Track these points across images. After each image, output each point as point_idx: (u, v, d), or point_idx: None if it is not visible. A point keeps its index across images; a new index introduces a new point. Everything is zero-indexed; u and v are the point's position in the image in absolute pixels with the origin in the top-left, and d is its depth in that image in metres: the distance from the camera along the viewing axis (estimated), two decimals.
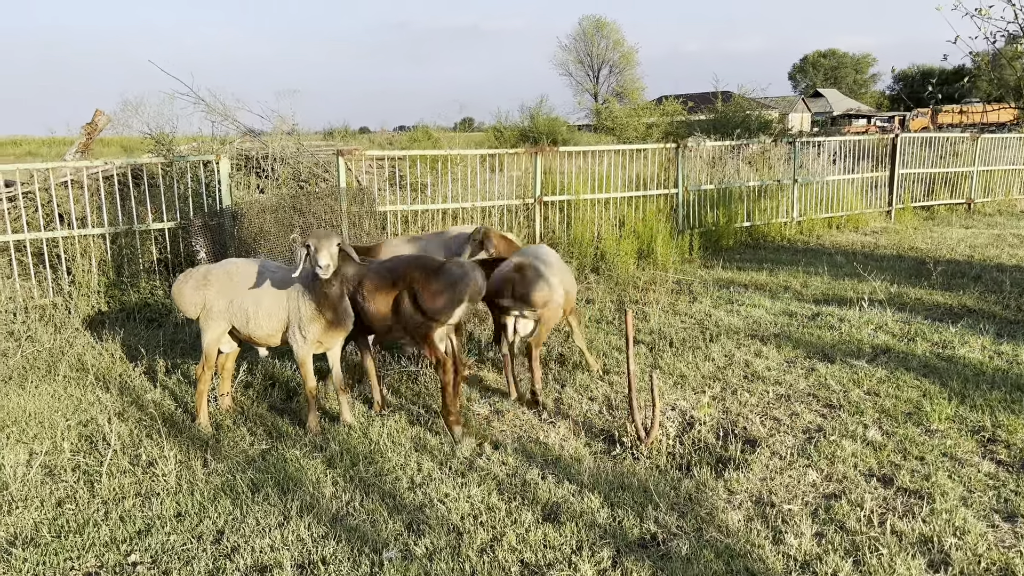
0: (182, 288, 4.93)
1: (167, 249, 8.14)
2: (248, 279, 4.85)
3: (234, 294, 4.84)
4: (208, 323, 4.90)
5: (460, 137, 47.10)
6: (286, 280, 4.80)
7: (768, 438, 4.59)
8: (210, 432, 4.83)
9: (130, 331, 6.82)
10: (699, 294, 8.36)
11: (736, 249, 11.69)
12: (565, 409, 5.15)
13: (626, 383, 5.50)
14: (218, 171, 8.26)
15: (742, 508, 3.77)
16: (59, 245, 7.78)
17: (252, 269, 4.92)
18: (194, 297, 4.89)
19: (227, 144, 10.23)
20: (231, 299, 4.84)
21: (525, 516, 3.68)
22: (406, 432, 4.75)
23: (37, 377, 5.90)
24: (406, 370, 5.90)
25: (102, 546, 3.53)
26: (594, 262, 9.77)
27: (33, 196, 8.58)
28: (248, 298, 4.79)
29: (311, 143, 11.76)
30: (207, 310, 4.86)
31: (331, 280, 4.55)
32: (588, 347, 6.02)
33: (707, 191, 12.12)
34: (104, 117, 12.62)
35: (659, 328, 7.01)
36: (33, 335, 6.81)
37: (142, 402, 5.35)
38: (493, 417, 5.06)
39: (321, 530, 3.62)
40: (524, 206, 10.41)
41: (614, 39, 75.96)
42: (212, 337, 4.91)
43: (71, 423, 4.97)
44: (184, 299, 4.91)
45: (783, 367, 5.90)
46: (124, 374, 5.95)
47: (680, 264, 10.27)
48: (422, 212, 9.74)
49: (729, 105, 35.86)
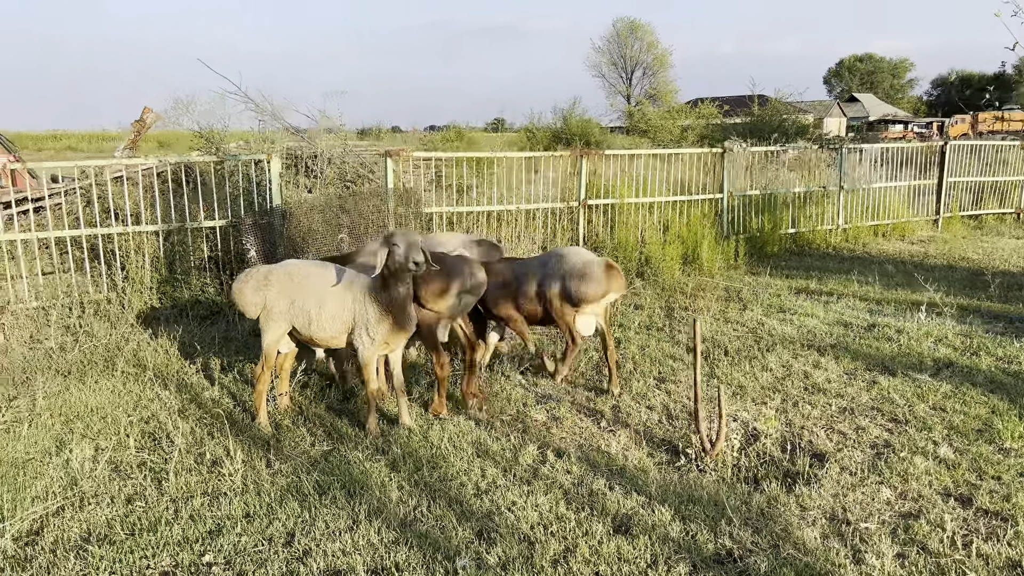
0: (243, 288, 4.94)
1: (218, 247, 8.21)
2: (309, 281, 4.86)
3: (295, 295, 4.85)
4: (268, 324, 4.91)
5: (492, 138, 47.16)
6: (351, 282, 4.79)
7: (836, 453, 4.50)
8: (270, 432, 4.84)
9: (184, 328, 6.88)
10: (749, 302, 8.25)
11: (781, 256, 11.54)
12: (624, 418, 5.10)
13: (684, 392, 5.46)
14: (269, 170, 8.31)
15: (817, 525, 3.69)
16: (113, 241, 7.87)
17: (313, 271, 4.93)
18: (254, 297, 4.90)
19: (276, 143, 10.31)
20: (292, 300, 4.85)
21: (596, 527, 3.63)
22: (466, 437, 4.72)
23: (96, 372, 5.97)
24: (458, 372, 5.88)
25: (176, 545, 3.54)
26: (639, 267, 9.69)
27: (88, 193, 8.71)
28: (310, 300, 4.80)
29: (353, 143, 11.82)
30: (267, 311, 4.87)
31: (405, 280, 4.56)
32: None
33: (752, 196, 11.97)
34: (153, 114, 12.78)
35: (712, 336, 6.92)
36: (90, 330, 6.91)
37: (200, 400, 5.39)
38: (551, 423, 5.02)
39: (391, 535, 3.61)
40: (568, 209, 10.36)
41: (648, 41, 75.51)
42: (272, 338, 4.92)
43: (133, 419, 5.02)
44: (245, 299, 4.93)
45: (843, 379, 5.79)
46: (181, 371, 6.00)
47: (726, 270, 10.16)
48: (467, 214, 9.73)
49: (766, 109, 35.53)
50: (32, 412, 5.16)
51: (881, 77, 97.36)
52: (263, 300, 4.89)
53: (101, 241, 7.81)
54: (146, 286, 7.69)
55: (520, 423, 4.97)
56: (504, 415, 5.12)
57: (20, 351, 6.63)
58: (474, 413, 5.11)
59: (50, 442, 4.68)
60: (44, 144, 41.22)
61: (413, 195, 9.42)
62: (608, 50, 77.33)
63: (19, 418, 5.05)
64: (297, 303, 4.83)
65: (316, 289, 4.82)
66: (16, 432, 4.77)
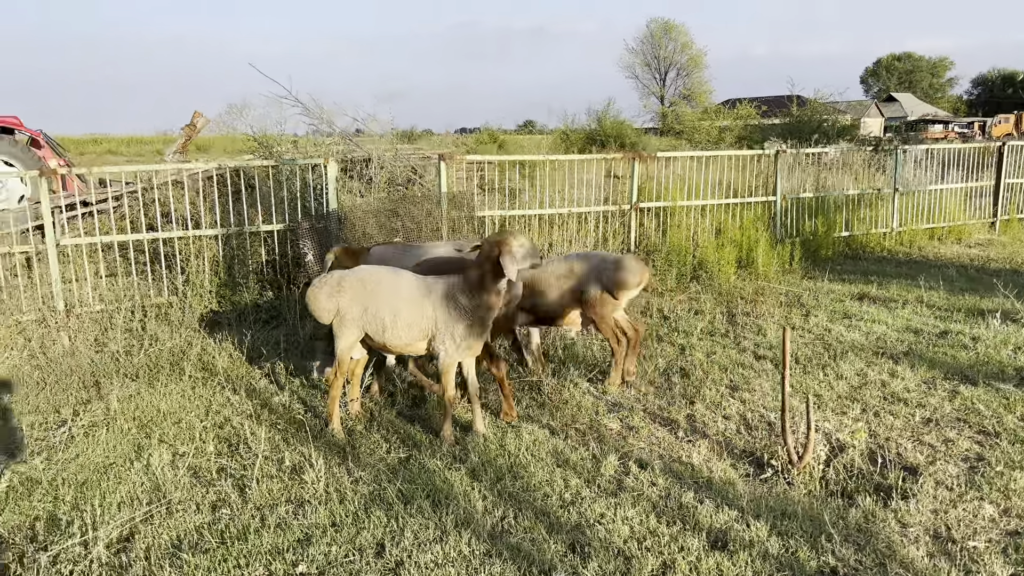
0: (317, 295, 4.92)
1: (275, 250, 8.24)
2: (381, 287, 4.81)
3: (368, 302, 4.80)
4: (342, 330, 4.88)
5: (525, 140, 47.11)
6: (428, 288, 4.74)
7: (928, 466, 4.35)
8: (343, 438, 4.82)
9: (246, 331, 6.90)
10: (812, 307, 8.08)
11: (835, 260, 11.30)
12: (701, 427, 4.99)
13: (759, 401, 5.34)
14: (326, 174, 8.33)
15: (921, 543, 3.56)
16: (173, 245, 7.94)
17: (385, 277, 4.88)
18: (328, 304, 4.88)
19: (327, 147, 10.34)
20: (365, 307, 4.80)
21: (692, 543, 3.54)
22: (543, 446, 4.65)
23: (164, 376, 6.01)
24: (527, 379, 5.81)
25: (266, 554, 3.52)
26: (693, 270, 9.56)
27: (150, 197, 8.81)
28: (384, 307, 4.75)
29: (402, 147, 11.83)
30: (341, 317, 4.84)
31: (500, 285, 4.58)
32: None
33: (805, 199, 11.76)
34: (203, 118, 12.93)
35: (778, 343, 6.78)
36: (154, 333, 6.96)
37: (271, 405, 5.38)
38: (627, 433, 4.93)
39: (482, 547, 3.55)
40: (620, 212, 10.25)
41: (682, 42, 75.10)
42: (346, 344, 4.90)
43: (207, 424, 5.03)
44: (319, 305, 4.90)
45: (923, 388, 5.63)
46: (248, 375, 6.01)
47: (781, 275, 9.97)
48: (518, 217, 9.67)
49: (805, 109, 35.04)
50: (107, 416, 5.20)
51: (920, 76, 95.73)
52: (336, 306, 4.86)
53: (162, 245, 7.88)
54: (206, 290, 7.73)
55: (595, 432, 4.89)
56: (577, 424, 5.04)
57: (86, 354, 6.70)
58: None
59: (129, 447, 4.70)
60: (85, 148, 41.92)
61: (466, 199, 9.39)
62: (642, 51, 77.07)
63: (96, 422, 5.09)
64: (370, 310, 4.79)
65: (389, 296, 4.78)
66: (95, 437, 4.80)
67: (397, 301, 4.75)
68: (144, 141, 45.29)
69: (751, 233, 10.49)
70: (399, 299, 4.75)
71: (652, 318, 7.69)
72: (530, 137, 51.14)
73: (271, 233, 8.22)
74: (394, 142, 11.08)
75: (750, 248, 10.26)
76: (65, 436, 4.87)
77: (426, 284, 4.77)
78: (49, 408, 5.44)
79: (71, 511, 3.92)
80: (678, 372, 6.03)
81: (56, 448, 4.69)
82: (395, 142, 11.18)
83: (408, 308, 4.72)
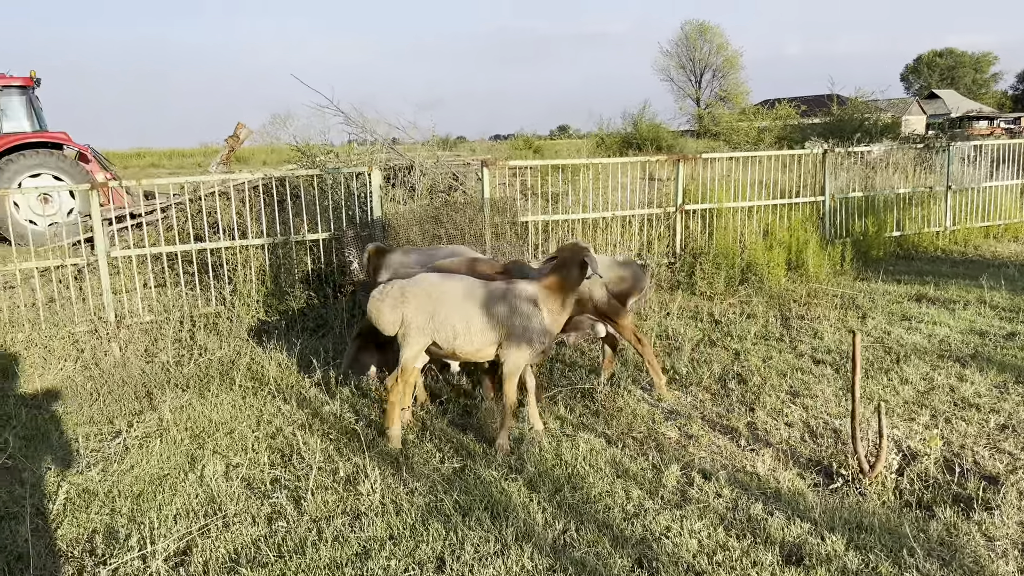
0: (380, 307, 4.83)
1: (320, 259, 8.23)
2: (447, 296, 4.73)
3: (434, 310, 4.71)
4: (408, 339, 4.79)
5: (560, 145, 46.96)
6: (503, 293, 4.64)
7: (1008, 475, 4.14)
8: (399, 448, 4.74)
9: (294, 340, 6.89)
10: (868, 309, 7.83)
11: (887, 260, 11.00)
12: (763, 435, 4.82)
13: (822, 407, 5.15)
14: (370, 183, 8.31)
15: (1010, 558, 3.37)
16: (221, 255, 7.98)
17: (449, 285, 4.80)
18: (392, 315, 4.80)
19: (369, 155, 10.35)
20: (431, 315, 4.71)
21: (765, 557, 3.39)
22: (601, 455, 4.53)
23: (215, 386, 6.01)
24: (579, 387, 5.69)
25: (325, 568, 3.45)
26: (742, 273, 9.35)
27: (196, 208, 8.88)
28: (454, 314, 4.66)
29: (442, 153, 11.81)
30: (406, 326, 4.77)
31: (576, 291, 4.67)
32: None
33: (854, 199, 11.47)
34: (246, 130, 13.06)
35: (836, 347, 6.56)
36: (203, 344, 6.98)
37: (322, 415, 5.34)
38: (686, 441, 4.78)
39: (545, 561, 3.44)
40: (665, 215, 10.08)
41: (717, 43, 74.44)
42: (412, 353, 4.81)
43: (259, 435, 4.99)
44: (383, 318, 4.82)
45: (994, 393, 5.38)
46: (298, 385, 5.98)
47: (833, 276, 9.71)
48: (561, 222, 9.56)
49: (846, 108, 34.37)
50: (160, 426, 5.20)
51: (962, 72, 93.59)
52: (400, 317, 4.78)
53: (209, 255, 7.92)
54: (253, 299, 7.75)
55: (653, 441, 4.75)
56: (634, 432, 4.90)
57: (137, 364, 6.75)
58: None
59: (182, 458, 4.68)
60: (129, 162, 42.77)
61: (509, 204, 9.31)
62: (676, 53, 76.55)
63: (149, 433, 5.09)
64: (437, 318, 4.70)
65: (460, 303, 4.69)
66: (149, 448, 4.79)
67: (469, 307, 4.66)
68: (185, 154, 46.14)
69: (800, 234, 10.25)
70: (471, 305, 4.66)
71: (703, 322, 7.51)
72: (568, 142, 50.98)
73: (316, 242, 8.22)
74: (435, 150, 11.06)
75: (799, 249, 10.01)
76: (120, 447, 4.87)
77: (500, 288, 4.67)
78: (103, 419, 5.46)
79: (128, 524, 3.90)
80: (735, 378, 5.86)
81: (111, 459, 4.69)
82: (435, 149, 11.15)
83: (481, 314, 4.63)
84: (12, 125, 15.41)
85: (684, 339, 6.87)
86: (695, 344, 6.73)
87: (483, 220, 8.89)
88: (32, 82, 15.67)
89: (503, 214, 9.19)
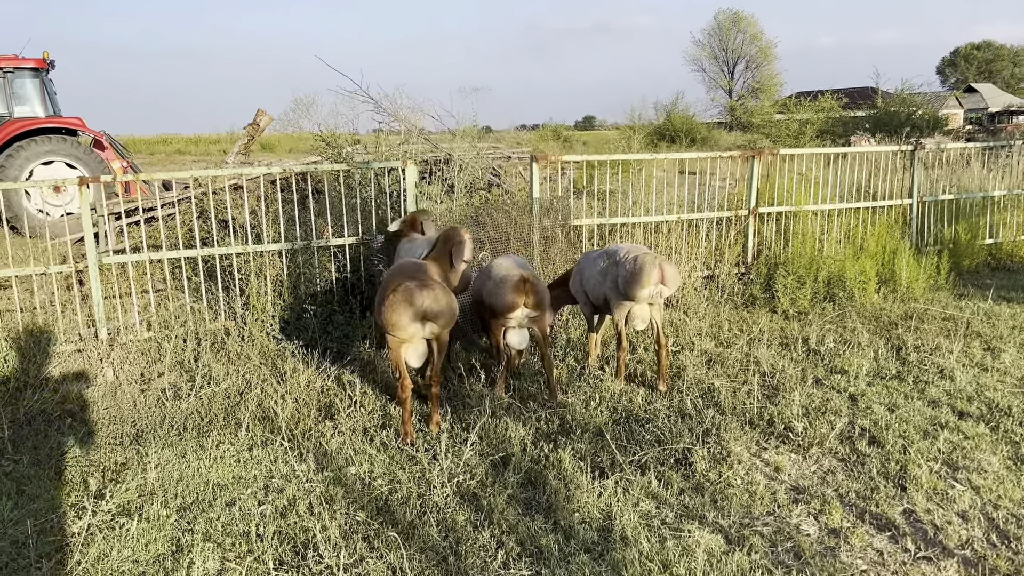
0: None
1: (346, 267, 7.11)
2: None
3: None
4: None
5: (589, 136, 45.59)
6: None
7: None
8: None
9: (314, 367, 5.77)
10: (991, 339, 6.56)
11: (981, 272, 9.70)
12: (931, 532, 3.61)
13: (993, 487, 3.91)
14: (404, 179, 7.16)
15: None
16: (232, 261, 6.88)
17: None
18: None
19: (400, 147, 9.21)
20: None
21: None
22: (725, 566, 3.35)
23: (217, 429, 4.92)
24: (672, 447, 4.51)
25: None
26: (826, 288, 8.09)
27: (201, 203, 7.78)
28: None
29: (482, 145, 10.63)
30: None
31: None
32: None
33: (944, 201, 10.14)
34: (266, 117, 11.96)
35: (977, 392, 5.32)
36: (208, 368, 5.89)
37: (346, 479, 4.20)
38: (832, 541, 3.59)
39: None
40: (736, 219, 8.84)
41: (751, 33, 72.34)
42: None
43: (266, 509, 3.88)
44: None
45: None
46: (317, 431, 4.86)
47: (929, 292, 8.42)
48: (620, 226, 8.36)
49: (891, 100, 32.71)
50: (143, 493, 4.10)
51: (1001, 65, 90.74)
52: None
53: (218, 262, 6.83)
54: (268, 314, 6.64)
55: (787, 539, 3.56)
56: (757, 523, 3.71)
57: (130, 392, 5.68)
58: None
59: (165, 545, 3.58)
60: (155, 148, 42.09)
61: (561, 205, 8.13)
62: (709, 43, 74.58)
63: (126, 504, 3.99)
64: None
65: None
66: (122, 530, 3.69)
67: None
68: (211, 140, 45.29)
69: (887, 242, 8.96)
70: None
71: (797, 351, 6.30)
72: (596, 134, 49.61)
73: (342, 248, 7.10)
74: (474, 141, 9.88)
75: (888, 260, 8.74)
76: (85, 528, 3.77)
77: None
78: (77, 477, 4.38)
79: None
80: (864, 436, 4.65)
81: (71, 548, 3.59)
82: (475, 140, 9.98)
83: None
84: (24, 110, 14.52)
85: (784, 376, 5.66)
86: (799, 383, 5.53)
87: (530, 223, 7.73)
88: (45, 64, 14.75)
89: (553, 216, 8.03)
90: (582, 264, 6.00)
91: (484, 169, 9.75)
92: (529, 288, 5.07)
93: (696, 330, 6.90)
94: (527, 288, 5.07)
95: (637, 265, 5.21)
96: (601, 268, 5.63)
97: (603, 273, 5.59)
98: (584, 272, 5.90)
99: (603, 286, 5.59)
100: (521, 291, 5.06)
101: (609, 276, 5.51)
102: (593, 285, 5.74)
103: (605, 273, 5.56)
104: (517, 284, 5.07)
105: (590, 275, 5.78)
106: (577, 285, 6.00)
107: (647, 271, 5.15)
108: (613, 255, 5.55)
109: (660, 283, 5.20)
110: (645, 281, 5.15)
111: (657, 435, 4.64)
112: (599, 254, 5.82)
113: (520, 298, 5.06)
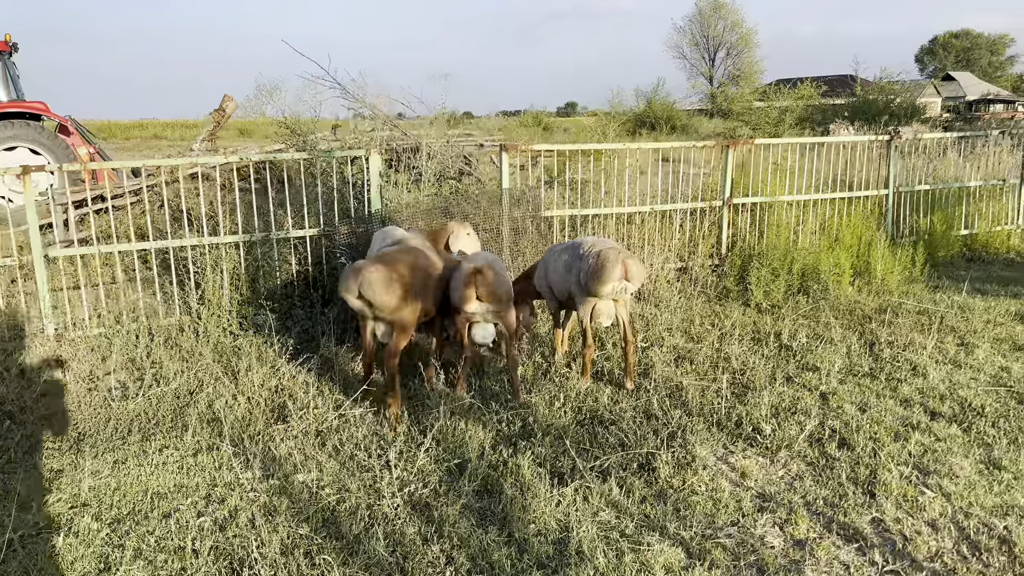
0: None
1: (307, 260, 6.86)
2: None
3: None
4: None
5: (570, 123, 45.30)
6: None
7: None
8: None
9: (269, 365, 5.54)
10: (965, 333, 6.45)
11: (956, 264, 9.61)
12: (900, 543, 3.47)
13: (965, 493, 3.77)
14: (367, 168, 6.91)
15: None
16: (187, 254, 6.62)
17: None
18: None
19: (367, 135, 8.95)
20: None
21: None
22: None
23: (162, 432, 4.69)
24: (636, 452, 4.34)
25: None
26: (800, 280, 7.96)
27: (160, 194, 7.49)
28: None
29: (452, 132, 10.39)
30: None
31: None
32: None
33: (919, 192, 10.04)
34: (232, 103, 11.63)
35: (949, 391, 5.20)
36: (159, 369, 5.64)
37: (291, 489, 3.99)
38: (797, 553, 3.43)
39: None
40: (710, 209, 8.68)
41: (732, 20, 72.14)
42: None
43: (205, 521, 3.66)
44: None
45: None
46: (266, 435, 4.64)
47: (904, 284, 8.30)
48: (591, 217, 8.16)
49: (870, 89, 32.73)
50: (75, 504, 3.87)
51: (978, 54, 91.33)
52: None
53: (172, 254, 6.56)
54: (224, 309, 6.39)
55: (750, 552, 3.40)
56: (720, 535, 3.55)
57: (76, 391, 5.42)
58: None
59: (91, 563, 3.36)
60: (131, 133, 41.28)
61: (532, 196, 7.91)
62: (689, 30, 74.31)
63: (56, 516, 3.76)
64: None
65: None
66: (47, 546, 3.46)
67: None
68: (187, 125, 44.49)
69: (863, 233, 8.84)
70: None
71: (769, 346, 6.15)
72: (576, 120, 49.28)
73: (303, 240, 6.85)
74: (444, 128, 9.63)
75: (863, 251, 8.62)
76: (6, 544, 3.53)
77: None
78: (11, 487, 4.13)
79: None
80: (834, 438, 4.51)
81: None
82: (444, 128, 9.73)
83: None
84: None
85: (755, 373, 5.51)
86: (769, 382, 5.38)
87: (500, 214, 7.52)
88: (8, 47, 14.25)
89: (523, 207, 7.82)
90: (547, 258, 5.80)
91: (455, 157, 9.50)
92: (481, 280, 4.83)
93: (667, 324, 6.74)
94: (479, 280, 4.83)
95: (599, 260, 5.00)
96: (565, 262, 5.42)
97: (567, 267, 5.38)
98: (549, 266, 5.70)
99: (568, 281, 5.38)
100: (471, 284, 4.83)
101: (573, 270, 5.31)
102: (558, 279, 5.53)
103: (569, 267, 5.35)
104: (468, 277, 4.85)
105: (555, 269, 5.58)
106: (542, 280, 5.80)
107: (609, 266, 4.94)
108: (577, 248, 5.35)
109: (624, 279, 5.00)
110: (607, 277, 4.95)
111: (621, 438, 4.46)
112: (564, 247, 5.61)
113: (471, 291, 4.83)
